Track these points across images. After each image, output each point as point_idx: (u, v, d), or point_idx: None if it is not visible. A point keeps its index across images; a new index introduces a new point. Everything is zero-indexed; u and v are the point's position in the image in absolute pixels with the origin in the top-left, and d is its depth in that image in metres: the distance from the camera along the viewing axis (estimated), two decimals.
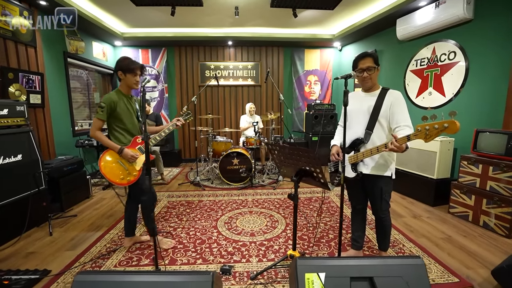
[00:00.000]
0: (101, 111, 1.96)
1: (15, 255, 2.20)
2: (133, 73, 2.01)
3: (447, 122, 1.32)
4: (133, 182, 2.03)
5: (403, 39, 3.87)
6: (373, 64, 1.71)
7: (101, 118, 1.97)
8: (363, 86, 1.84)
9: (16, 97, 3.07)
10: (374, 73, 1.74)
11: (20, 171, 2.54)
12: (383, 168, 1.76)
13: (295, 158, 1.70)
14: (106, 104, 1.96)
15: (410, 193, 3.54)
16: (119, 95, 2.05)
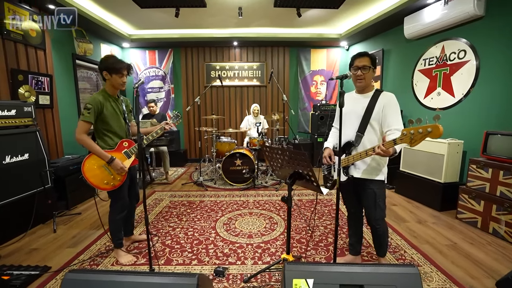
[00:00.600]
0: (87, 113, 1.85)
1: (20, 251, 2.28)
2: (119, 74, 1.92)
3: (430, 127, 1.28)
4: (118, 186, 1.98)
5: (411, 37, 3.75)
6: (369, 64, 1.66)
7: (87, 120, 1.87)
8: (356, 86, 1.78)
9: (26, 98, 3.18)
10: (369, 74, 1.68)
11: (27, 169, 2.63)
12: (375, 172, 1.71)
13: (287, 160, 1.67)
14: (92, 105, 1.86)
15: (416, 197, 3.43)
16: (105, 96, 1.96)
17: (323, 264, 1.56)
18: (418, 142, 1.34)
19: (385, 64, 4.50)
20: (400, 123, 1.61)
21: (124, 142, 2.03)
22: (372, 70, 1.68)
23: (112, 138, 2.00)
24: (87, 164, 1.91)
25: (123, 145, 2.02)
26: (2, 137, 2.45)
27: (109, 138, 2.00)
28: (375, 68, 1.70)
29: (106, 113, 1.94)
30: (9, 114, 2.55)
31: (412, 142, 1.34)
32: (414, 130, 1.33)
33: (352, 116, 1.76)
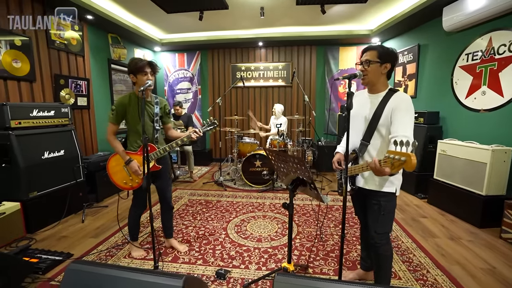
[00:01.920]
0: (111, 114, 1.97)
1: (52, 237, 2.54)
2: (143, 73, 1.92)
3: (404, 155, 1.07)
4: (135, 188, 2.05)
5: (451, 30, 3.34)
6: (375, 58, 1.46)
7: (111, 121, 1.98)
8: (362, 83, 1.59)
9: (66, 100, 3.55)
10: (373, 69, 1.46)
11: (62, 164, 2.93)
12: (383, 182, 1.49)
13: (289, 165, 1.59)
14: (116, 107, 1.96)
15: (452, 210, 3.05)
16: (132, 98, 2.01)
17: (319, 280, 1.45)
18: (398, 169, 1.13)
19: (421, 61, 4.09)
20: (409, 130, 1.35)
21: None
22: (379, 64, 1.46)
23: (135, 140, 2.05)
24: (111, 162, 2.06)
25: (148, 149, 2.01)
26: (42, 135, 2.76)
27: (133, 140, 2.05)
28: (385, 63, 1.47)
29: (130, 115, 2.00)
30: (48, 115, 2.86)
31: (392, 168, 1.14)
32: (394, 154, 1.12)
33: (358, 120, 1.57)
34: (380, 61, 1.47)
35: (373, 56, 1.48)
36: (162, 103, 2.15)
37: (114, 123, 1.99)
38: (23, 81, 3.00)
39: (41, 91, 3.22)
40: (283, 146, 4.46)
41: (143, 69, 1.91)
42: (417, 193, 3.65)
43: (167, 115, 2.19)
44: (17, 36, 2.91)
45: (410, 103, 1.43)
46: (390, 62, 1.49)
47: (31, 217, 2.58)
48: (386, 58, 1.47)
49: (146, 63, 1.93)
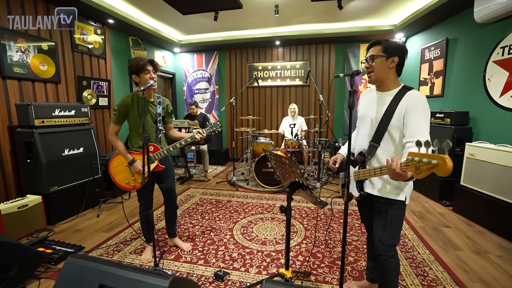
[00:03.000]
0: (113, 114, 1.98)
1: (68, 230, 2.69)
2: (145, 71, 1.90)
3: (436, 158, 0.92)
4: (139, 188, 2.04)
5: (484, 21, 3.02)
6: (380, 52, 1.34)
7: (113, 121, 1.98)
8: (368, 81, 1.47)
9: (88, 100, 3.76)
10: (379, 64, 1.34)
11: (81, 161, 3.10)
12: (393, 189, 1.36)
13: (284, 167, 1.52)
14: (118, 107, 1.95)
15: (480, 220, 2.75)
16: (134, 98, 1.99)
17: None
18: (424, 175, 0.98)
19: (449, 56, 3.75)
20: (426, 134, 1.23)
21: (149, 147, 1.98)
22: (384, 59, 1.33)
23: (137, 141, 2.04)
24: (113, 162, 2.05)
25: (149, 149, 1.99)
26: (63, 133, 2.94)
27: (135, 140, 2.05)
28: (391, 57, 1.34)
29: (132, 115, 1.99)
30: (69, 114, 3.04)
31: (417, 173, 0.99)
32: (420, 157, 0.98)
33: (366, 120, 1.46)
34: (386, 54, 1.34)
35: (378, 50, 1.36)
36: (165, 103, 2.15)
37: (116, 123, 2.00)
38: (49, 83, 3.22)
39: (65, 92, 3.44)
40: (298, 147, 4.36)
41: (145, 67, 1.90)
42: (441, 199, 3.36)
43: (169, 115, 2.19)
44: (45, 41, 3.13)
45: (426, 103, 1.30)
46: (398, 54, 1.35)
47: (51, 210, 2.75)
48: (392, 51, 1.34)
49: (147, 62, 1.92)
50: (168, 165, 2.19)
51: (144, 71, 1.91)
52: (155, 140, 2.08)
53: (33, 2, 3.01)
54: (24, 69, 2.91)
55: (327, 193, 3.78)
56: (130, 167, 2.03)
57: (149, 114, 2.05)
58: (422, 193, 3.72)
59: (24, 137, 2.68)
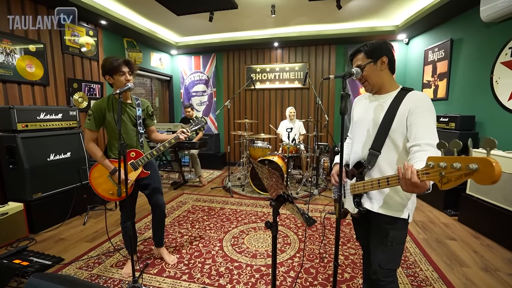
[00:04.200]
0: (87, 120, 1.80)
1: (51, 238, 2.57)
2: (120, 72, 1.76)
3: (476, 161, 0.71)
4: (124, 198, 1.85)
5: (491, 20, 2.85)
6: (365, 59, 1.22)
7: (88, 128, 1.81)
8: (366, 90, 1.34)
9: (79, 103, 3.66)
10: (370, 71, 1.23)
11: (68, 166, 2.98)
12: (395, 206, 1.20)
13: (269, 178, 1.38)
14: (93, 112, 1.79)
15: (488, 232, 2.57)
16: (110, 101, 1.85)
17: None
18: (453, 184, 0.79)
19: (454, 57, 3.58)
20: (435, 137, 1.08)
21: (131, 153, 1.90)
22: (372, 64, 1.22)
23: (117, 147, 1.84)
24: (93, 173, 1.89)
25: (130, 156, 1.89)
26: (48, 138, 2.83)
27: (115, 147, 1.88)
28: (379, 58, 1.22)
29: (110, 120, 1.83)
30: (56, 118, 2.94)
31: (443, 182, 0.81)
32: (447, 161, 0.79)
33: (363, 126, 1.31)
34: (372, 59, 1.22)
35: (362, 58, 1.25)
36: (145, 105, 2.02)
37: (92, 129, 1.82)
38: (37, 86, 3.13)
39: (54, 95, 3.34)
40: (295, 152, 4.21)
41: (120, 68, 1.76)
42: (446, 209, 3.17)
43: (150, 117, 2.06)
44: (32, 43, 3.04)
45: (431, 103, 1.15)
46: (385, 54, 1.23)
47: (34, 218, 2.64)
48: (377, 52, 1.23)
49: (122, 62, 1.77)
50: (153, 170, 2.06)
51: (118, 72, 1.77)
52: (136, 145, 1.95)
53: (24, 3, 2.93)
54: (9, 71, 2.81)
55: (325, 200, 3.62)
56: (112, 177, 1.88)
57: (128, 117, 1.91)
58: (426, 201, 3.53)
59: (6, 141, 2.57)
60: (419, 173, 0.90)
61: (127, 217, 2.00)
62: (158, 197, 2.10)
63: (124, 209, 2.01)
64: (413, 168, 0.93)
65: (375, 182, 1.15)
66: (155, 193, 2.09)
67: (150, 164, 2.03)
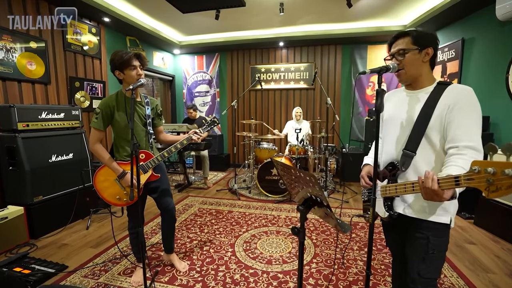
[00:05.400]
0: (95, 119, 1.66)
1: (53, 244, 2.44)
2: (131, 67, 1.64)
3: None
4: (132, 203, 1.76)
5: (507, 18, 2.79)
6: (410, 45, 1.10)
7: (96, 127, 1.67)
8: (399, 81, 1.24)
9: (81, 102, 3.53)
10: (412, 59, 1.11)
11: (70, 168, 2.86)
12: (432, 208, 1.10)
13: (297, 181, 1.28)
14: (101, 110, 1.66)
15: (508, 236, 2.49)
16: (119, 98, 1.72)
17: None
18: (503, 193, 0.71)
19: (465, 57, 3.53)
20: (476, 139, 0.99)
21: (141, 154, 1.75)
22: (417, 52, 1.10)
23: (125, 149, 1.76)
24: (99, 176, 1.75)
25: (140, 158, 1.74)
26: (50, 138, 2.70)
27: (123, 148, 1.76)
28: (425, 48, 1.10)
29: (118, 119, 1.70)
30: (58, 117, 2.81)
31: (490, 191, 0.73)
32: (497, 167, 0.71)
33: (395, 125, 1.21)
34: (418, 47, 1.10)
35: (407, 43, 1.12)
36: (154, 103, 1.90)
37: (99, 129, 1.68)
38: (38, 84, 3.00)
39: (55, 94, 3.21)
40: (303, 153, 4.12)
41: (130, 62, 1.63)
42: (460, 211, 3.10)
43: (158, 116, 1.94)
44: (33, 39, 2.91)
45: (474, 97, 1.04)
46: (431, 45, 1.12)
47: (35, 222, 2.51)
48: (425, 42, 1.11)
49: (133, 55, 1.66)
50: (163, 173, 1.95)
51: (129, 67, 1.65)
52: (146, 146, 1.83)
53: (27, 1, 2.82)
54: (9, 68, 2.69)
55: (335, 203, 3.53)
56: (120, 181, 1.75)
57: (137, 116, 1.78)
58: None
59: (6, 142, 2.45)
60: (463, 179, 0.81)
61: (136, 223, 1.89)
62: (168, 200, 1.99)
63: (132, 214, 1.89)
64: (434, 176, 0.88)
65: (408, 186, 1.06)
66: (165, 196, 1.97)
67: (159, 166, 1.92)
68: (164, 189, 1.96)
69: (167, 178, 2.04)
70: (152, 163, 1.80)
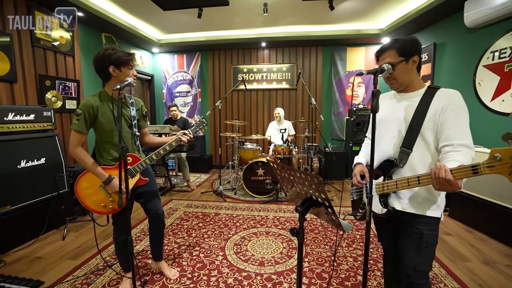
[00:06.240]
0: (76, 120, 1.53)
1: (25, 258, 2.22)
2: (128, 66, 1.58)
3: None
4: (118, 210, 1.65)
5: (474, 26, 3.03)
6: (396, 58, 1.18)
7: (77, 129, 1.53)
8: (391, 88, 1.31)
9: (52, 103, 3.27)
10: (401, 70, 1.19)
11: (43, 174, 2.63)
12: (426, 203, 1.18)
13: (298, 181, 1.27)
14: (82, 110, 1.53)
15: (480, 226, 2.70)
16: (103, 98, 1.61)
17: None
18: None
19: (437, 60, 3.77)
20: (467, 136, 1.08)
21: (127, 158, 1.66)
22: (405, 63, 1.18)
23: (110, 152, 1.65)
24: (81, 183, 1.61)
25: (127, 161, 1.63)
26: (18, 142, 2.47)
27: (107, 152, 1.64)
28: (411, 57, 1.18)
29: (102, 120, 1.58)
30: (27, 119, 2.58)
31: None
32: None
33: (391, 124, 1.27)
34: (405, 58, 1.18)
35: (393, 56, 1.20)
36: (139, 104, 1.80)
37: (81, 131, 1.54)
38: (2, 82, 2.73)
39: (23, 93, 2.94)
40: (288, 153, 4.15)
41: (130, 62, 1.58)
42: None
43: (143, 117, 1.85)
44: None
45: (463, 100, 1.14)
46: (416, 53, 1.20)
47: (2, 236, 2.27)
48: (409, 51, 1.19)
49: (133, 56, 1.61)
50: (151, 176, 1.86)
51: (128, 66, 1.58)
52: (132, 149, 1.73)
53: None
54: None
55: None
56: (106, 187, 1.63)
57: (123, 118, 1.67)
58: None
59: None
60: (484, 166, 0.88)
61: (123, 231, 1.78)
62: (157, 205, 1.90)
63: (119, 222, 1.78)
64: (446, 167, 0.94)
65: (408, 180, 1.12)
66: (153, 201, 1.88)
67: (146, 169, 1.83)
68: (152, 194, 1.87)
69: (155, 181, 1.95)
70: (140, 167, 1.71)
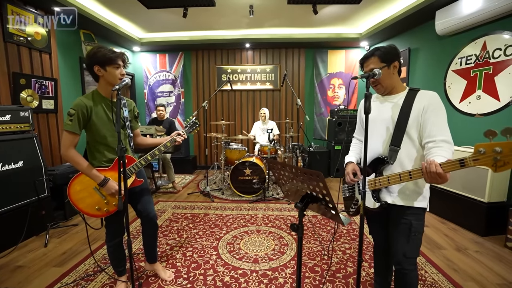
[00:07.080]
0: (69, 121, 1.49)
1: (4, 268, 2.09)
2: (115, 65, 1.53)
3: None
4: (113, 212, 1.64)
5: (444, 34, 3.30)
6: (379, 64, 1.30)
7: (70, 130, 1.49)
8: (377, 92, 1.44)
9: (28, 102, 3.08)
10: (385, 75, 1.31)
11: (20, 178, 2.48)
12: (414, 195, 1.30)
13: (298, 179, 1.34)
14: (76, 111, 1.49)
15: (452, 218, 2.95)
16: (96, 98, 1.59)
17: None
18: (509, 167, 0.90)
19: (412, 65, 4.05)
20: (447, 133, 1.21)
21: None
22: (387, 68, 1.30)
23: (104, 154, 1.62)
24: (74, 186, 1.57)
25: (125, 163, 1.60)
26: None
27: (101, 154, 1.62)
28: (392, 63, 1.31)
29: (95, 121, 1.56)
30: (2, 119, 2.42)
31: (498, 166, 0.91)
32: (503, 146, 0.88)
33: (378, 125, 1.38)
34: (387, 63, 1.31)
35: (376, 62, 1.32)
36: (131, 105, 1.78)
37: (74, 132, 1.51)
38: None
39: None
40: (274, 152, 4.23)
41: (117, 61, 1.53)
42: None
43: (135, 118, 1.84)
44: None
45: (440, 100, 1.28)
46: (397, 59, 1.34)
47: None
48: (390, 57, 1.32)
49: (121, 55, 1.56)
50: (144, 178, 1.84)
51: (114, 64, 1.54)
52: (128, 150, 1.71)
53: None
54: None
55: None
56: (100, 189, 1.60)
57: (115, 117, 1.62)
58: None
59: None
60: (470, 160, 1.00)
61: (116, 234, 1.75)
62: (149, 207, 1.88)
63: (112, 225, 1.75)
64: (436, 162, 1.07)
65: (399, 175, 1.23)
66: (146, 202, 1.87)
67: (141, 171, 1.82)
68: (145, 196, 1.86)
69: (147, 183, 1.93)
70: (136, 168, 1.69)
